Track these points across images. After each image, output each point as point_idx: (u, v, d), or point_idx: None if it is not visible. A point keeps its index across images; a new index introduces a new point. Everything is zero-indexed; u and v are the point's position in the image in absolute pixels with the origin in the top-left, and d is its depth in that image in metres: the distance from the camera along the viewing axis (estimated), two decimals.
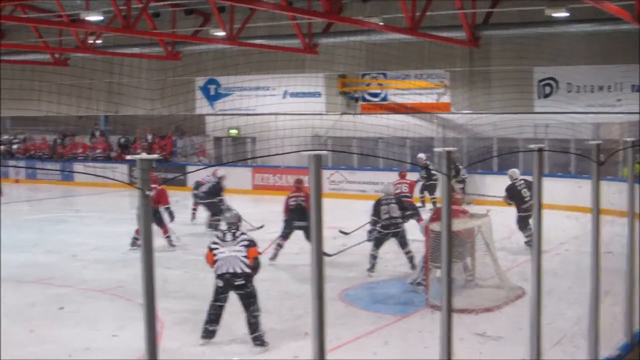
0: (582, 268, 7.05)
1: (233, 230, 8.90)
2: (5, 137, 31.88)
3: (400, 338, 9.24)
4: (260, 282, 9.09)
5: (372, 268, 12.81)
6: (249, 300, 8.64)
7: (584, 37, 20.97)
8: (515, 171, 15.22)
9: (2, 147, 31.47)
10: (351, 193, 23.62)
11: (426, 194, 20.58)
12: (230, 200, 16.97)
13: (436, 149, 5.48)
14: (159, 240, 15.08)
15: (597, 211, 6.94)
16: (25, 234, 13.36)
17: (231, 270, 8.56)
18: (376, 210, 12.95)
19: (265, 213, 16.63)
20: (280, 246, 13.75)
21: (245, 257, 8.62)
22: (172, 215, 15.22)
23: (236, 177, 20.78)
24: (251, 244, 8.77)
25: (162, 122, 27.79)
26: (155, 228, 6.31)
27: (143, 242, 4.37)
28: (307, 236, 12.75)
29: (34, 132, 32.02)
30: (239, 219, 9.29)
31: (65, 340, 9.15)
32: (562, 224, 14.28)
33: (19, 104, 23.61)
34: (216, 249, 8.72)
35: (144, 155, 4.32)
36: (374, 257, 12.82)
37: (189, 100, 27.32)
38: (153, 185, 13.62)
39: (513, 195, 14.65)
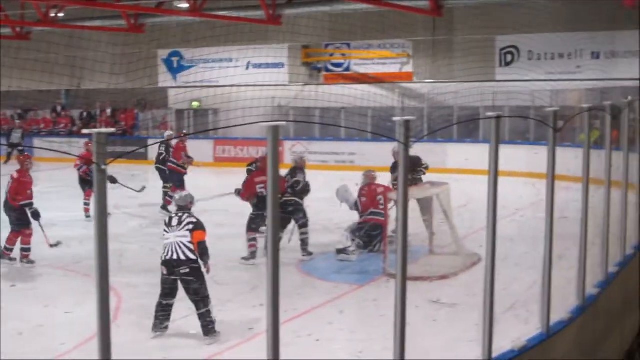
0: (538, 233, 7.10)
1: (180, 214, 8.13)
2: None
3: (356, 307, 9.35)
4: (216, 253, 8.62)
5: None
6: (196, 290, 7.82)
7: (546, 5, 21.05)
8: None
9: None
10: (313, 164, 23.57)
11: None
12: (192, 172, 16.74)
13: (395, 118, 5.40)
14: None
15: (552, 177, 6.97)
16: None
17: (175, 257, 7.80)
18: None
19: (227, 185, 16.24)
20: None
21: (189, 242, 7.86)
22: None
23: (197, 150, 20.52)
24: (197, 227, 7.97)
25: (124, 96, 27.55)
26: None
27: (96, 216, 4.35)
28: None
29: None
30: (191, 201, 8.42)
31: (21, 317, 8.87)
32: (519, 191, 14.14)
33: None
34: (164, 234, 8.01)
35: (101, 130, 4.24)
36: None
37: (152, 73, 27.10)
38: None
39: None
